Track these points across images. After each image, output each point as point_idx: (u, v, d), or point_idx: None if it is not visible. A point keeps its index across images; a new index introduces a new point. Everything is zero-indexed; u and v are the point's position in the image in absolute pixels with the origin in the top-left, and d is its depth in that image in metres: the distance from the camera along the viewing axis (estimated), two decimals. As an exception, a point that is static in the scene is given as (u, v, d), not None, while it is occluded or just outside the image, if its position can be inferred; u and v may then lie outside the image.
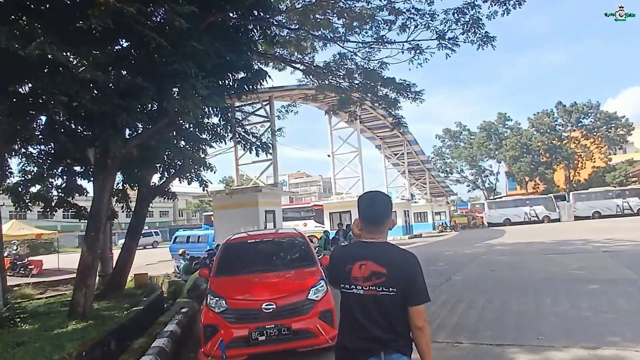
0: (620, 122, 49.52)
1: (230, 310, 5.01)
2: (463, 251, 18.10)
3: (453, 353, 4.83)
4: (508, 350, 4.72)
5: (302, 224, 29.60)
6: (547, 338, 5.00)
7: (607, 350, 4.41)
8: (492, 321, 6.09)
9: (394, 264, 2.09)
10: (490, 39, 9.05)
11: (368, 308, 2.08)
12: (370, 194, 2.32)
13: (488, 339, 5.20)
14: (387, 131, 32.48)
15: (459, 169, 59.31)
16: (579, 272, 9.93)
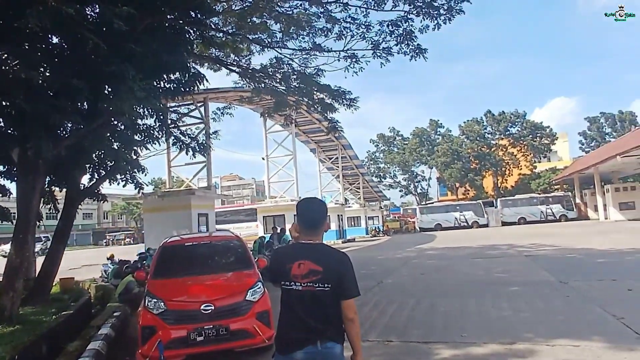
0: (545, 132, 54.71)
1: (169, 311, 5.33)
2: (394, 255, 19.26)
3: (383, 351, 5.46)
4: (434, 347, 5.41)
5: (254, 225, 30.05)
6: (469, 335, 5.74)
7: (521, 345, 5.19)
8: (421, 321, 6.83)
9: (329, 263, 2.48)
10: (422, 51, 10.02)
11: (306, 302, 2.45)
12: (308, 200, 2.73)
13: (416, 337, 5.89)
14: (322, 135, 33.43)
15: (392, 174, 62.16)
16: (502, 275, 11.14)
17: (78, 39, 5.57)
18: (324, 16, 10.77)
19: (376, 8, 9.81)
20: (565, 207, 41.87)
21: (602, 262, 12.14)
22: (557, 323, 6.04)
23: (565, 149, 61.76)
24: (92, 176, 8.40)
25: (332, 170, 42.63)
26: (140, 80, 6.41)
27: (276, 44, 11.69)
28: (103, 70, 6.01)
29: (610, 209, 36.63)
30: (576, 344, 4.99)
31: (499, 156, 54.25)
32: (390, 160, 60.14)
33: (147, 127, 8.35)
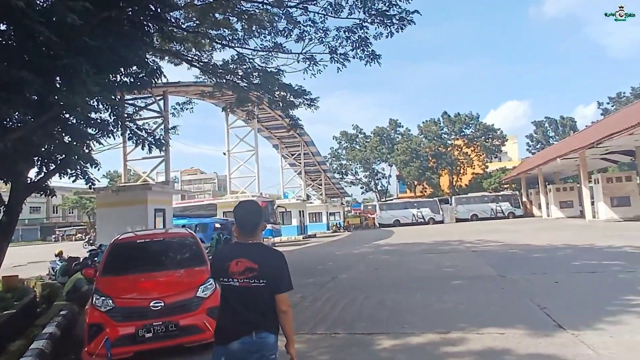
0: (496, 134, 56.95)
1: (117, 308, 5.31)
2: (352, 251, 19.62)
3: (329, 342, 5.68)
4: (376, 338, 5.68)
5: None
6: (410, 326, 6.04)
7: (455, 334, 5.53)
8: (368, 314, 7.10)
9: (264, 260, 2.67)
10: (376, 57, 10.27)
11: (242, 297, 2.64)
12: (244, 204, 2.88)
13: (361, 329, 6.13)
14: (284, 131, 33.47)
15: (354, 171, 62.98)
16: (449, 270, 11.61)
17: (28, 31, 5.41)
18: (285, 17, 10.85)
19: (334, 15, 9.95)
20: (513, 205, 43.84)
21: (538, 257, 12.90)
22: (490, 313, 6.45)
23: (514, 150, 64.53)
24: (40, 170, 8.08)
25: (295, 167, 42.72)
26: (94, 74, 6.28)
27: (238, 42, 11.65)
28: (55, 63, 5.86)
29: (551, 207, 38.66)
30: (502, 332, 5.37)
31: (454, 156, 56.02)
32: (352, 157, 60.92)
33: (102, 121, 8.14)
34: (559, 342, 4.83)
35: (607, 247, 14.03)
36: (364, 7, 9.55)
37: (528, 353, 4.57)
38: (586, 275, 9.31)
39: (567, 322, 5.53)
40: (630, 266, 9.86)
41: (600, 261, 11.05)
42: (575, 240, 16.52)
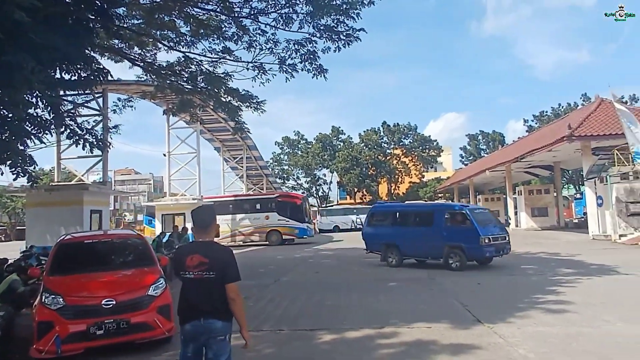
0: (432, 145, 59.82)
1: (68, 306, 5.39)
2: (293, 255, 19.97)
3: (275, 338, 6.04)
4: (318, 333, 6.13)
5: (264, 217, 27.90)
6: (349, 323, 6.56)
7: (388, 328, 6.11)
8: (310, 313, 7.55)
9: (214, 255, 3.18)
10: (323, 71, 10.78)
11: (196, 287, 3.17)
12: (199, 209, 3.46)
13: (304, 326, 6.57)
14: (227, 134, 33.23)
15: (296, 176, 63.41)
16: (385, 273, 12.39)
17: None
18: (235, 24, 11.06)
19: (284, 27, 10.31)
20: (447, 213, 46.21)
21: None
22: (419, 311, 7.13)
23: (449, 161, 68.09)
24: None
25: (237, 170, 42.45)
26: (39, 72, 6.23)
27: (185, 44, 11.68)
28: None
29: (481, 216, 41.32)
30: (429, 326, 6.02)
31: (393, 165, 58.13)
32: (294, 162, 61.36)
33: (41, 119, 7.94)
34: (476, 334, 5.54)
35: (525, 253, 15.53)
36: (313, 22, 10.02)
37: (450, 343, 5.21)
38: (505, 277, 10.40)
39: (484, 317, 6.30)
40: (542, 270, 11.12)
41: (518, 265, 12.30)
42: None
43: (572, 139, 20.33)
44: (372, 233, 14.75)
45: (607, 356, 4.51)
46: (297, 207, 27.74)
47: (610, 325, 5.69)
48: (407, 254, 13.36)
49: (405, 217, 14.19)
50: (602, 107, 22.35)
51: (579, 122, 21.26)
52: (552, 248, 16.83)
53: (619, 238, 18.00)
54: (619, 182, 18.41)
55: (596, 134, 20.27)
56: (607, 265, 11.49)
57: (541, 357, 4.54)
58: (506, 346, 4.97)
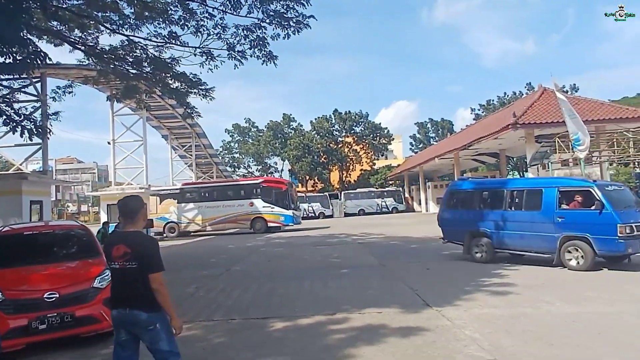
0: (383, 133, 60.92)
1: (8, 301, 5.17)
2: (245, 244, 19.83)
3: (226, 327, 6.01)
4: (270, 321, 6.15)
5: (247, 204, 26.85)
6: (301, 310, 6.62)
7: (340, 314, 6.23)
8: (261, 301, 7.54)
9: (136, 245, 3.17)
10: (272, 58, 10.65)
11: (121, 277, 3.21)
12: (124, 199, 3.40)
13: (256, 314, 6.57)
14: (175, 122, 32.30)
15: (247, 165, 62.77)
16: (336, 260, 12.55)
17: None
18: (182, 7, 10.67)
19: (232, 12, 10.03)
20: (397, 200, 47.43)
21: (415, 247, 14.52)
22: (370, 296, 7.31)
23: (399, 149, 69.72)
24: None
25: (185, 158, 41.42)
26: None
27: (128, 27, 11.14)
28: None
29: (430, 202, 42.76)
30: (380, 311, 6.20)
31: (344, 152, 58.75)
32: (245, 150, 60.68)
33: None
34: (425, 317, 5.77)
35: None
36: (262, 7, 9.85)
37: (399, 326, 5.39)
38: (452, 262, 10.84)
39: (433, 301, 6.56)
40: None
41: (464, 250, 12.81)
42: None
43: (516, 127, 21.39)
44: (451, 218, 11.66)
45: (546, 334, 4.83)
46: (282, 193, 26.69)
47: (550, 305, 6.10)
48: (502, 247, 10.20)
49: (500, 196, 10.60)
50: (544, 96, 23.58)
51: (523, 111, 22.37)
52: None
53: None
54: (560, 168, 19.59)
55: (539, 122, 21.39)
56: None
57: (486, 337, 4.79)
58: (453, 328, 5.20)
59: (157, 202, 27.75)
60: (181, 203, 27.41)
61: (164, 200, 27.75)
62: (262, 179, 29.41)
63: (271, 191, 26.81)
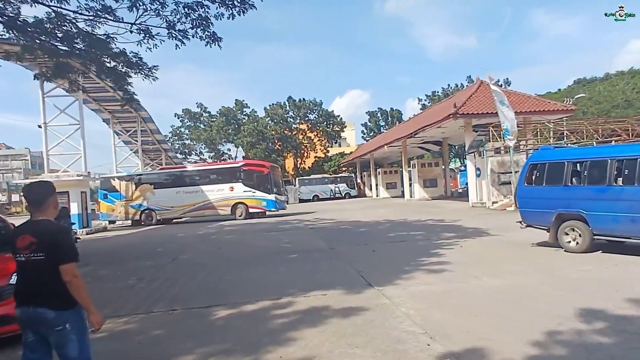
0: (336, 120, 61.32)
1: None
2: (195, 232, 19.48)
3: (166, 319, 5.85)
4: (214, 310, 6.06)
5: (228, 188, 25.37)
6: (247, 297, 6.54)
7: (285, 299, 6.24)
8: (207, 290, 7.42)
9: (44, 235, 2.87)
10: (217, 39, 10.29)
11: (26, 271, 2.90)
12: (31, 184, 3.12)
13: (199, 304, 6.44)
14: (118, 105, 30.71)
15: (199, 151, 61.29)
16: (287, 245, 12.55)
17: None
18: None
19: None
20: (349, 186, 48.19)
21: (363, 231, 14.82)
22: (317, 280, 7.39)
23: (352, 137, 70.68)
24: None
25: (131, 144, 39.72)
26: None
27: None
28: None
29: (380, 188, 43.78)
30: (324, 293, 6.29)
31: (298, 139, 58.68)
32: (197, 137, 59.10)
33: None
34: (366, 297, 5.92)
35: (416, 220, 16.80)
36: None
37: (342, 307, 5.50)
38: (396, 244, 11.17)
39: (375, 281, 6.74)
40: (428, 235, 12.15)
41: (409, 232, 13.29)
42: (393, 216, 19.29)
43: (456, 117, 22.44)
44: (534, 198, 9.48)
45: (472, 306, 5.12)
46: (264, 176, 25.30)
47: (478, 280, 6.45)
48: (604, 232, 8.07)
49: (603, 168, 8.17)
50: (481, 88, 24.84)
51: (463, 102, 23.45)
52: (439, 215, 18.43)
53: (492, 205, 20.31)
54: (493, 155, 20.73)
55: (476, 113, 22.58)
56: (480, 228, 12.94)
57: (419, 313, 5.00)
58: (391, 306, 5.39)
59: (132, 187, 26.61)
60: (158, 188, 26.23)
61: (139, 186, 26.58)
62: (242, 161, 27.94)
63: (252, 175, 25.55)
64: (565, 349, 3.63)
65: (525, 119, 22.96)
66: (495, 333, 4.14)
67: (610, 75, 57.29)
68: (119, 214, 26.95)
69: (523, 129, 22.16)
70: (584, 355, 3.49)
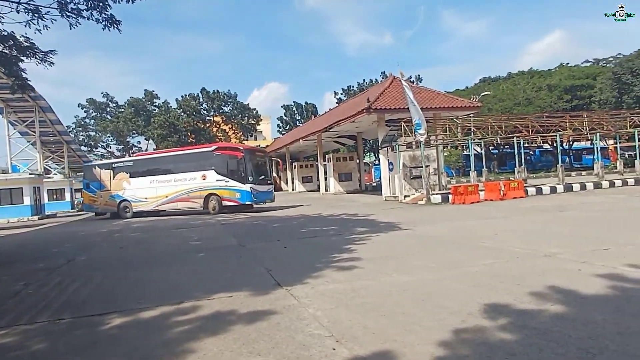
0: (252, 113, 60.30)
1: None
2: (98, 230, 17.97)
3: (50, 329, 5.09)
4: (107, 317, 5.38)
5: (200, 177, 21.90)
6: (146, 301, 5.93)
7: (188, 303, 5.71)
8: (103, 294, 6.67)
9: None
10: (115, 22, 9.35)
11: None
12: None
13: (92, 311, 5.70)
14: (10, 92, 27.30)
15: (105, 144, 56.95)
16: (196, 243, 11.89)
17: None
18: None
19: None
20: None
21: (276, 227, 14.53)
22: (223, 280, 6.94)
23: (268, 130, 70.02)
24: None
25: (28, 136, 35.77)
26: None
27: None
28: None
29: (296, 182, 43.79)
30: (230, 295, 5.88)
31: (213, 132, 56.81)
32: (103, 128, 54.73)
33: None
34: (274, 298, 5.62)
35: (330, 215, 16.88)
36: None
37: (248, 311, 5.15)
38: (309, 239, 11.01)
39: (284, 280, 6.46)
40: (341, 230, 12.16)
41: (322, 227, 13.23)
42: (308, 211, 19.24)
43: (370, 112, 22.91)
44: None
45: (380, 304, 5.03)
46: (238, 162, 21.51)
47: (387, 276, 6.42)
48: None
49: None
50: (394, 84, 25.61)
51: (376, 97, 24.00)
52: (352, 209, 18.70)
53: (404, 198, 21.06)
54: (405, 150, 21.45)
55: (388, 108, 23.23)
56: (392, 222, 13.19)
57: (326, 313, 4.81)
58: (299, 307, 5.14)
59: (111, 175, 24.19)
60: (133, 177, 23.68)
61: (117, 175, 24.01)
62: (215, 145, 24.93)
63: (225, 160, 21.93)
64: (469, 349, 3.62)
65: (435, 115, 24.06)
66: (401, 333, 4.07)
67: (513, 74, 61.58)
68: (99, 205, 24.75)
69: (433, 125, 23.28)
70: (487, 354, 3.51)
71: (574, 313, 4.37)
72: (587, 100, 46.80)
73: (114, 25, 9.30)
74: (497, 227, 11.27)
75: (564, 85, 49.10)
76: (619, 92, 40.16)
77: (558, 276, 5.81)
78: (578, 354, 3.40)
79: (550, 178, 33.56)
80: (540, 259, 7.03)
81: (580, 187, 22.30)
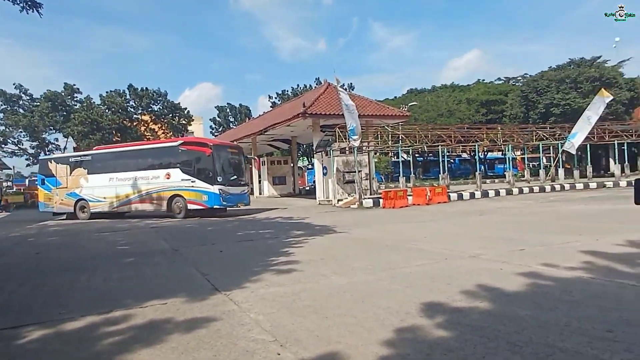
0: (183, 113, 58.01)
1: None
2: (9, 235, 16.29)
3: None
4: (24, 330, 4.84)
5: (164, 175, 18.88)
6: (69, 311, 5.42)
7: (118, 312, 5.29)
8: (17, 305, 6.01)
9: None
10: (36, 5, 8.54)
11: None
12: None
13: (4, 324, 5.10)
14: None
15: (17, 140, 51.80)
16: (124, 248, 11.18)
17: None
18: None
19: None
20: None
21: (211, 230, 14.09)
22: (156, 286, 6.56)
23: (200, 130, 67.82)
24: None
25: None
26: None
27: None
28: None
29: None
30: (165, 302, 5.55)
31: (140, 131, 53.91)
32: (14, 123, 49.72)
33: None
34: (212, 303, 5.40)
35: (265, 218, 16.69)
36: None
37: (185, 318, 4.89)
38: (245, 243, 10.79)
39: (222, 285, 6.24)
40: (277, 234, 12.05)
41: (258, 231, 13.03)
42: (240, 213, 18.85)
43: (305, 116, 23.10)
44: None
45: (322, 307, 5.02)
46: (206, 159, 18.57)
47: (326, 278, 6.44)
48: None
49: None
50: (329, 90, 26.05)
51: (311, 102, 24.23)
52: (288, 213, 18.65)
53: (337, 202, 21.42)
54: (339, 155, 21.88)
55: (324, 113, 23.57)
56: (328, 225, 13.33)
57: (268, 318, 4.70)
58: (239, 312, 4.99)
59: (67, 171, 21.12)
60: (92, 174, 20.79)
61: (74, 170, 21.03)
62: (181, 139, 22.04)
63: (191, 157, 19.09)
64: (411, 347, 3.71)
65: (367, 122, 24.77)
66: (345, 335, 4.07)
67: (436, 87, 65.24)
68: (55, 204, 21.55)
69: (365, 131, 23.93)
70: (427, 351, 3.61)
71: (500, 309, 4.65)
72: (500, 115, 50.63)
73: (34, 7, 8.45)
74: (426, 230, 11.79)
75: (481, 99, 52.84)
76: (526, 108, 43.90)
77: (484, 275, 6.17)
78: (507, 347, 3.62)
79: (468, 185, 35.82)
80: (467, 259, 7.44)
81: (495, 193, 24.09)
